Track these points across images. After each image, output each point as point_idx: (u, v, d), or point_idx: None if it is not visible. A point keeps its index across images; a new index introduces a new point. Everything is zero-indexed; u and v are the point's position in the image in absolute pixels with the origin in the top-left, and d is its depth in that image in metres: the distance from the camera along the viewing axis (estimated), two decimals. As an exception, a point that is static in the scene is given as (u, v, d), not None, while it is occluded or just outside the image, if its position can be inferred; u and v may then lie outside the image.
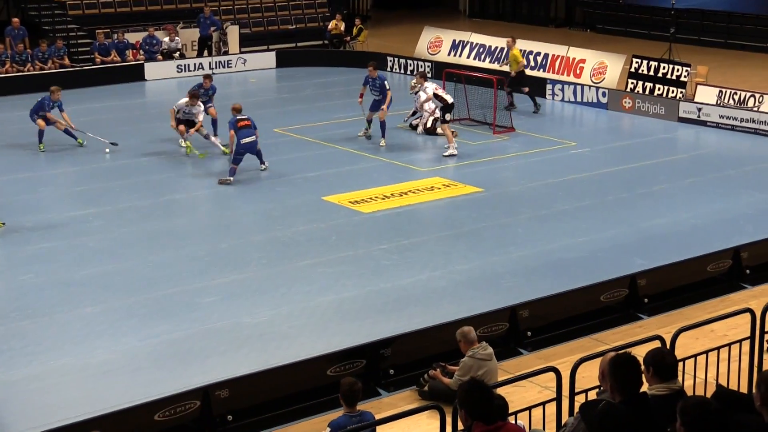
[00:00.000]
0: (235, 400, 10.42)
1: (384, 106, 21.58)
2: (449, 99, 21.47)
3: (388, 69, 30.66)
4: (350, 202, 17.91)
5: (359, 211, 17.48)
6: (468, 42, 31.14)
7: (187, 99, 21.01)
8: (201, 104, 21.19)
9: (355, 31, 33.80)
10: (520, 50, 26.29)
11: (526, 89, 25.16)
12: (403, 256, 15.36)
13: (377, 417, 8.98)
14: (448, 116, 21.41)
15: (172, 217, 17.43)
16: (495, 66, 28.74)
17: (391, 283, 14.25)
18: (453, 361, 10.89)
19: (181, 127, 21.09)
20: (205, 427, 10.27)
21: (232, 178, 18.99)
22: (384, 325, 12.59)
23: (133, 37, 31.73)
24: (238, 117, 19.39)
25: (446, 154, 21.07)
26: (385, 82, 21.85)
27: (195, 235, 16.52)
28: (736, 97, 24.05)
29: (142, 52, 31.22)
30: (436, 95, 21.32)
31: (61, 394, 11.25)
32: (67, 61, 30.22)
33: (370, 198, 18.15)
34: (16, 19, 30.72)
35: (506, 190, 18.85)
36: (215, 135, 21.53)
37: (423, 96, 21.76)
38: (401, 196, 18.32)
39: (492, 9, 43.50)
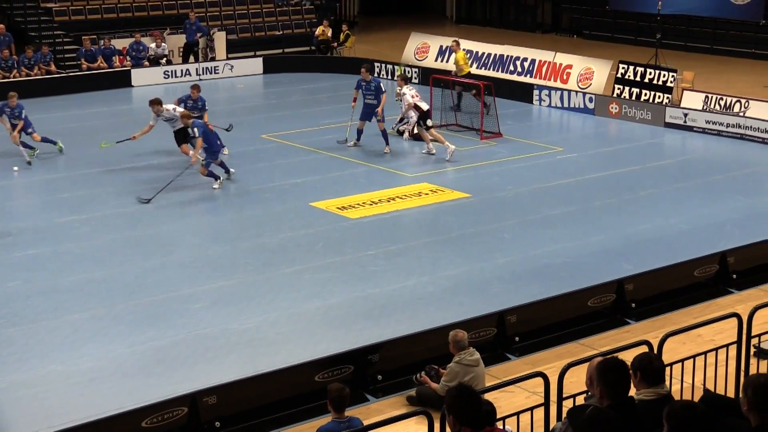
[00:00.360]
0: (222, 407, 10.40)
1: (378, 110, 21.55)
2: (424, 106, 21.59)
3: (376, 75, 30.63)
4: (337, 208, 17.91)
5: (346, 216, 17.48)
6: (455, 48, 31.13)
7: (153, 114, 20.44)
8: (170, 108, 20.45)
9: (342, 37, 33.83)
10: (464, 51, 27.18)
11: (458, 88, 25.25)
12: (390, 261, 15.36)
13: (365, 423, 8.97)
14: (429, 122, 21.51)
15: (159, 224, 17.37)
16: (482, 71, 28.81)
17: (379, 289, 14.24)
18: (444, 366, 10.87)
19: (184, 146, 20.39)
20: (192, 433, 10.24)
21: (221, 178, 19.08)
22: (371, 331, 12.58)
23: (120, 44, 31.68)
24: (199, 121, 19.27)
25: (448, 158, 21.06)
26: (381, 85, 21.82)
27: (182, 242, 16.48)
28: (722, 103, 24.15)
29: (128, 58, 31.18)
30: (414, 104, 21.41)
31: (48, 401, 11.20)
32: (53, 68, 30.16)
33: (358, 204, 18.14)
34: (1, 26, 30.64)
35: (493, 195, 18.87)
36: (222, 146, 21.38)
37: (407, 99, 21.73)
38: (388, 201, 18.33)
39: (479, 15, 43.58)
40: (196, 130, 18.97)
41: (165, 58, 31.64)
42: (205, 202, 18.62)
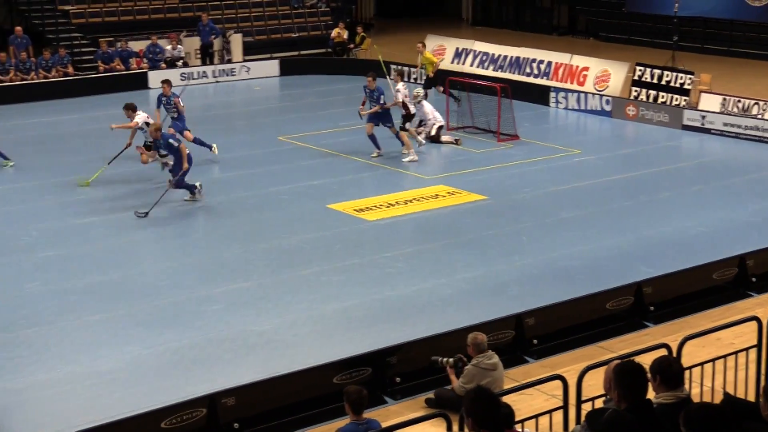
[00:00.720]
0: (241, 408, 10.40)
1: (365, 111, 21.48)
2: (412, 110, 21.98)
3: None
4: (355, 210, 17.91)
5: (364, 219, 17.48)
6: (471, 50, 31.17)
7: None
8: (140, 113, 19.97)
9: (357, 39, 33.84)
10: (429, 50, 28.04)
11: (441, 88, 25.75)
12: (407, 264, 15.36)
13: (383, 425, 8.95)
14: (408, 125, 21.78)
15: (176, 226, 17.42)
16: (499, 74, 28.80)
17: (396, 291, 14.24)
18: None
19: (143, 156, 20.04)
20: (211, 435, 10.26)
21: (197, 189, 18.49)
22: (389, 334, 12.55)
23: (137, 46, 31.82)
24: (167, 132, 18.67)
25: (406, 160, 21.23)
26: (381, 96, 21.52)
27: (199, 244, 16.51)
28: (740, 105, 24.05)
29: (145, 60, 31.29)
30: (403, 103, 21.87)
31: (67, 402, 11.25)
32: (70, 70, 30.29)
33: (375, 206, 18.15)
34: (19, 28, 30.81)
35: (510, 197, 18.84)
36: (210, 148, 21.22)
37: (400, 96, 21.88)
38: (406, 204, 18.33)
39: (495, 17, 43.54)
40: (170, 142, 18.16)
41: (181, 60, 31.74)
42: (221, 204, 18.62)
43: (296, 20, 36.67)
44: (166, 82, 21.44)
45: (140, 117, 20.01)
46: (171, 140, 18.23)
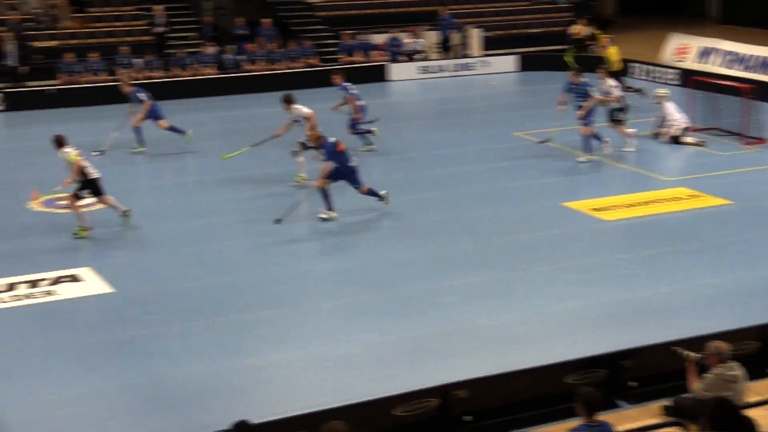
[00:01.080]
0: (472, 401, 10.38)
1: (581, 111, 20.83)
2: (622, 102, 21.70)
3: (630, 75, 29.98)
4: (592, 209, 17.59)
5: (601, 218, 17.15)
6: (717, 49, 30.05)
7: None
8: (298, 107, 19.55)
9: (596, 36, 33.23)
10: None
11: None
12: (645, 266, 14.95)
13: (617, 429, 8.75)
14: (620, 116, 21.47)
15: (412, 216, 17.58)
16: (747, 74, 27.61)
17: (632, 294, 13.89)
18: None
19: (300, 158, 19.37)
20: (442, 425, 10.29)
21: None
22: (625, 336, 12.22)
23: (378, 39, 32.49)
24: (330, 140, 17.26)
25: (626, 150, 21.16)
26: (589, 89, 20.98)
27: (434, 236, 16.61)
28: None
29: (387, 53, 31.88)
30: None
31: (303, 383, 11.57)
32: (315, 61, 31.24)
33: (612, 206, 17.76)
34: (268, 20, 32.07)
35: (757, 203, 17.97)
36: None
37: (617, 92, 21.50)
38: (645, 205, 17.84)
39: (745, 15, 41.69)
40: (323, 152, 17.22)
41: (421, 54, 32.16)
42: (454, 197, 18.69)
43: (536, 16, 36.46)
44: (337, 73, 21.90)
45: (299, 112, 19.56)
46: (329, 149, 17.19)
